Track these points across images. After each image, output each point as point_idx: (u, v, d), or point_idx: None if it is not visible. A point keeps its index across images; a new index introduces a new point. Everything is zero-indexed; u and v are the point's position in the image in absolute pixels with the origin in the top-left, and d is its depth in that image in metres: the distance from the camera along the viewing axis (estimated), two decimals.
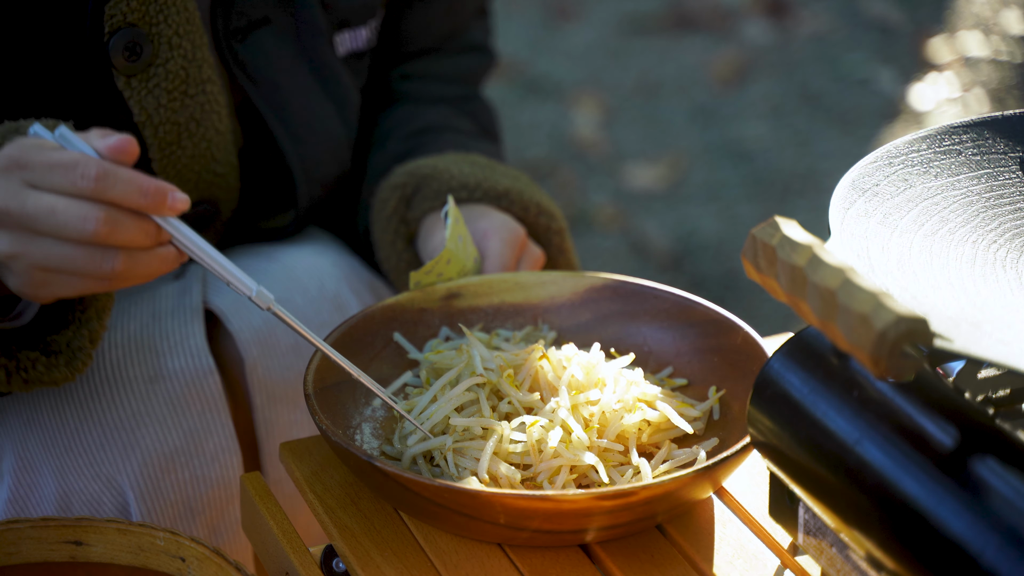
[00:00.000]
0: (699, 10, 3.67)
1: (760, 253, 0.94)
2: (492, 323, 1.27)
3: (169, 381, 1.32)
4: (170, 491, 1.32)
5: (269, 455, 1.39)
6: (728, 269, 2.82)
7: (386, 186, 1.44)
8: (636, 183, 3.08)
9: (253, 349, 1.37)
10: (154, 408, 1.31)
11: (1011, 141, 1.09)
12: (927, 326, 0.85)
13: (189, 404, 1.32)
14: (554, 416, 1.11)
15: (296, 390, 1.38)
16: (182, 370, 1.32)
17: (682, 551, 1.07)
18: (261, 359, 1.37)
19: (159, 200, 1.06)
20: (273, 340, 1.38)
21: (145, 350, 1.33)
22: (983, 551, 0.84)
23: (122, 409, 1.31)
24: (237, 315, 1.38)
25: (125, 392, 1.31)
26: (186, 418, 1.32)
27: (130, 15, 1.29)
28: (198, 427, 1.32)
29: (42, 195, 1.06)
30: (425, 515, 1.07)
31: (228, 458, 1.34)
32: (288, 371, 1.38)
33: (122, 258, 1.07)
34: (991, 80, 3.38)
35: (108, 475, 1.30)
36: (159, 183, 1.06)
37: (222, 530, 1.35)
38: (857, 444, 0.93)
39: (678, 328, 1.24)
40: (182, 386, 1.32)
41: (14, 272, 1.10)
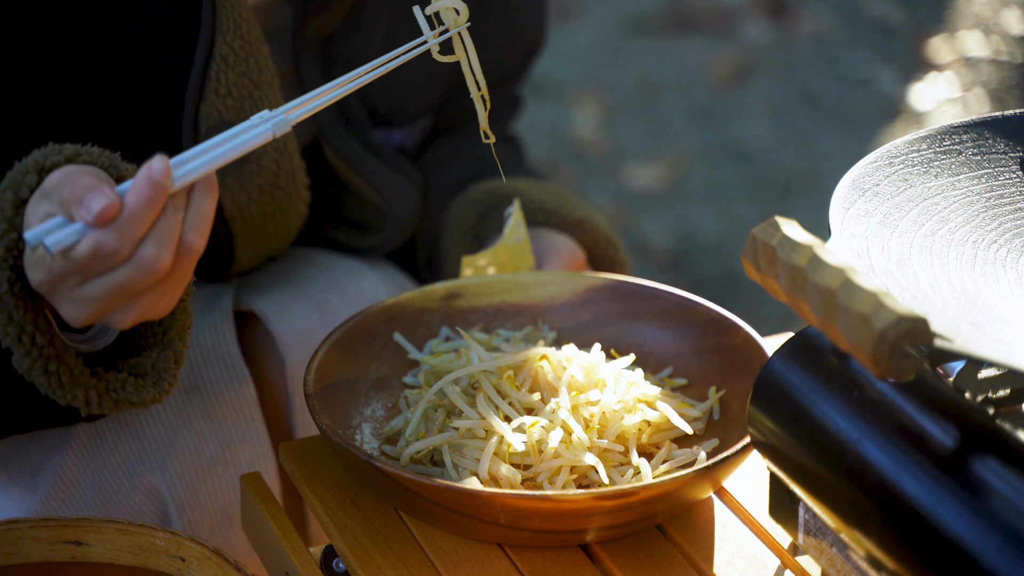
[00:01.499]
0: (699, 10, 3.67)
1: (760, 253, 0.94)
2: (492, 323, 1.27)
3: (204, 392, 1.32)
4: (208, 500, 1.32)
5: None
6: (728, 269, 2.82)
7: (463, 202, 1.46)
8: (636, 183, 3.08)
9: (295, 351, 1.37)
10: (190, 419, 1.32)
11: (1011, 141, 1.09)
12: (927, 326, 0.85)
13: (225, 414, 1.33)
14: (554, 417, 1.11)
15: None
16: (217, 380, 1.33)
17: (682, 551, 1.07)
18: (302, 361, 1.37)
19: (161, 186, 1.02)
20: (314, 342, 1.37)
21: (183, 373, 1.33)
22: (983, 551, 0.84)
23: (159, 421, 1.31)
24: (279, 317, 1.38)
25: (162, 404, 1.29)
26: (222, 428, 1.32)
27: (225, 113, 1.29)
28: (233, 436, 1.33)
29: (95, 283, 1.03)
30: (425, 515, 1.07)
31: (264, 465, 1.34)
32: None
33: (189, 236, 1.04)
34: (991, 80, 3.38)
35: (148, 486, 1.31)
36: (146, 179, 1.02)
37: None
38: (857, 444, 0.93)
39: (678, 328, 1.24)
40: (217, 396, 1.33)
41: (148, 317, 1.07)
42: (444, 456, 1.10)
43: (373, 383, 1.20)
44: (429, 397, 1.13)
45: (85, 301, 1.03)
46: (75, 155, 1.07)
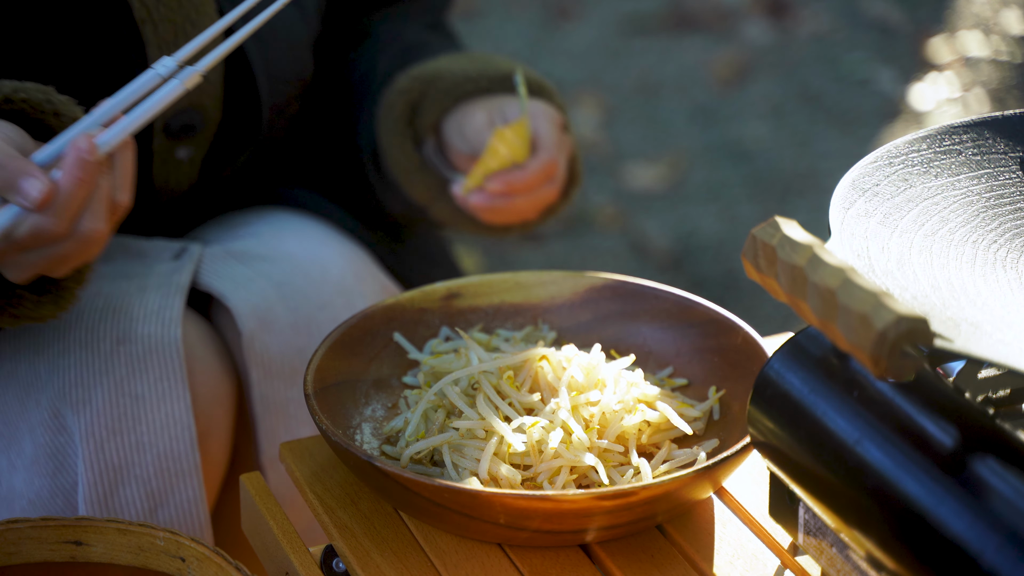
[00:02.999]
0: (699, 10, 3.67)
1: (760, 253, 0.94)
2: (492, 323, 1.27)
3: (133, 344, 1.32)
4: (113, 454, 1.31)
5: (266, 433, 1.39)
6: (728, 269, 2.82)
7: (391, 92, 1.49)
8: (636, 183, 3.08)
9: (251, 323, 1.37)
10: (115, 368, 1.31)
11: (1011, 141, 1.09)
12: (927, 326, 0.85)
13: (148, 369, 1.32)
14: (554, 417, 1.11)
15: (293, 367, 1.38)
16: (148, 335, 1.33)
17: (682, 551, 1.07)
18: (259, 333, 1.37)
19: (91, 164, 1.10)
20: (272, 316, 1.38)
21: (120, 315, 1.34)
22: (983, 551, 0.84)
23: (86, 367, 1.31)
24: (235, 292, 1.39)
25: (93, 351, 1.32)
26: (141, 383, 1.32)
27: None
28: (150, 393, 1.32)
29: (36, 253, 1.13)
30: (425, 515, 1.07)
31: (179, 431, 1.33)
32: (286, 347, 1.38)
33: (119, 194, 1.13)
34: (991, 80, 3.38)
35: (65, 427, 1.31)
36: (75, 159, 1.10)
37: (170, 506, 1.34)
38: (857, 444, 0.93)
39: (678, 328, 1.24)
40: (144, 350, 1.32)
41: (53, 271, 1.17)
42: (444, 456, 1.10)
43: (373, 383, 1.20)
44: (429, 397, 1.13)
45: (26, 267, 1.14)
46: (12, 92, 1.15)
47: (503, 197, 1.44)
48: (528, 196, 1.46)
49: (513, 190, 1.44)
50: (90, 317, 1.33)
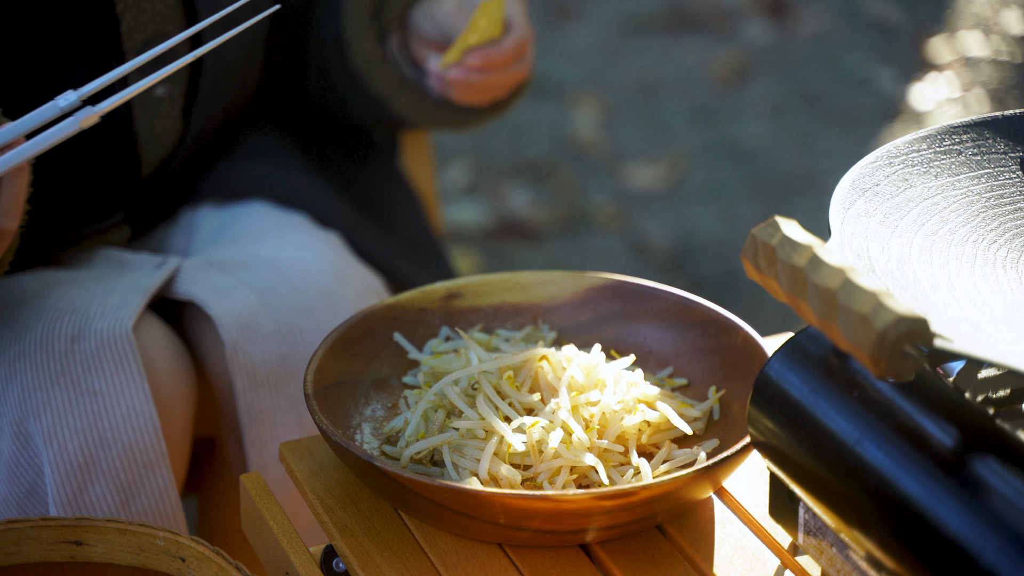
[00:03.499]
0: (699, 10, 3.67)
1: (760, 253, 0.94)
2: (492, 323, 1.27)
3: (87, 341, 1.32)
4: (77, 452, 1.31)
5: (253, 442, 1.39)
6: (728, 269, 2.82)
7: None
8: (636, 183, 3.08)
9: (234, 332, 1.37)
10: (70, 367, 1.32)
11: (1011, 141, 1.09)
12: (927, 326, 0.85)
13: (102, 364, 1.32)
14: (554, 417, 1.11)
15: (277, 375, 1.38)
16: (100, 331, 1.33)
17: (682, 551, 1.08)
18: (242, 343, 1.37)
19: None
20: (254, 324, 1.38)
21: (77, 314, 1.34)
22: (983, 551, 0.84)
23: (43, 369, 1.32)
24: (217, 300, 1.39)
25: (49, 352, 1.32)
26: (98, 378, 1.32)
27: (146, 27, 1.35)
28: (108, 388, 1.32)
29: None
30: (425, 515, 1.07)
31: (142, 423, 1.33)
32: (269, 355, 1.38)
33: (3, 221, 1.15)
34: (991, 80, 3.38)
35: (26, 434, 1.31)
36: None
37: (140, 496, 1.34)
38: (857, 444, 0.93)
39: (678, 328, 1.24)
40: (97, 346, 1.32)
41: None
42: (444, 456, 1.10)
43: (373, 383, 1.20)
44: (429, 398, 1.13)
45: None
46: None
47: (480, 72, 1.49)
48: (502, 73, 1.51)
49: (490, 65, 1.49)
50: (48, 317, 1.34)
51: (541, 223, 2.95)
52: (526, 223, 2.95)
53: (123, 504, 1.33)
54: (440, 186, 3.00)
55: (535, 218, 2.96)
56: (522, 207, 3.00)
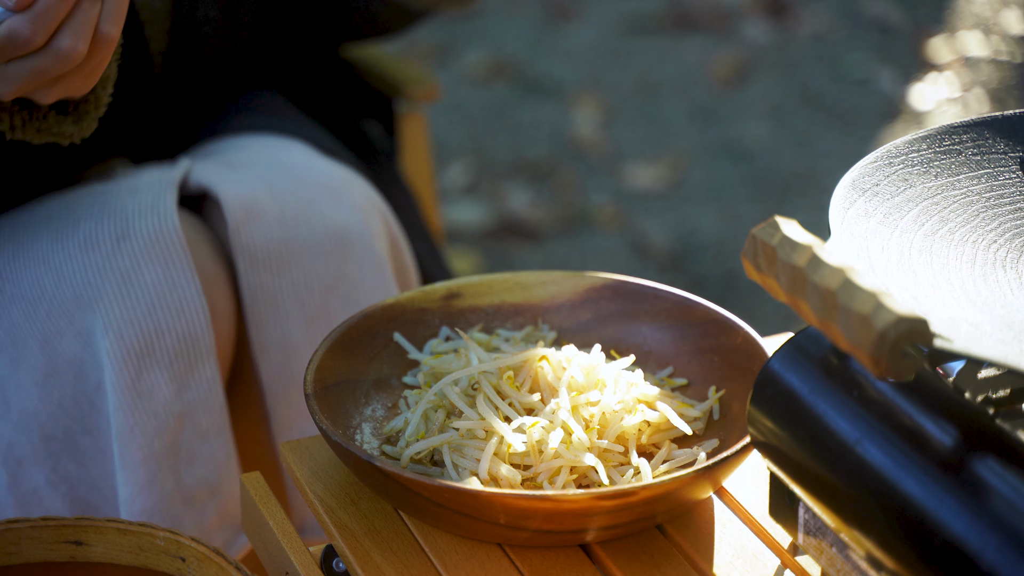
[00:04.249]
0: (699, 10, 3.67)
1: (760, 253, 0.94)
2: (492, 323, 1.27)
3: (133, 240, 1.34)
4: (134, 342, 1.33)
5: (255, 324, 1.42)
6: (728, 269, 2.82)
7: None
8: (636, 183, 3.08)
9: (237, 213, 1.40)
10: (119, 264, 1.33)
11: (1011, 141, 1.09)
12: (927, 326, 0.85)
13: (153, 261, 1.34)
14: (554, 417, 1.11)
15: (280, 258, 1.41)
16: (146, 229, 1.35)
17: (682, 551, 1.08)
18: (244, 223, 1.40)
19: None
20: (259, 209, 1.41)
21: (116, 215, 1.36)
22: (983, 551, 0.84)
23: (91, 269, 1.34)
24: (224, 186, 1.42)
25: (93, 252, 1.35)
26: (149, 272, 1.34)
27: None
28: (161, 282, 1.34)
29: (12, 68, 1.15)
30: (425, 515, 1.07)
31: (194, 313, 1.36)
32: (271, 240, 1.41)
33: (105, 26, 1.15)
34: (991, 80, 3.38)
35: (87, 332, 1.32)
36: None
37: (192, 386, 1.37)
38: (857, 444, 0.93)
39: (678, 328, 1.24)
40: (146, 243, 1.34)
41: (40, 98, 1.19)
42: (444, 456, 1.10)
43: (373, 383, 1.20)
44: (429, 398, 1.13)
45: (7, 80, 1.16)
46: None
47: None
48: None
49: None
50: (86, 222, 1.36)
51: (541, 223, 2.95)
52: (526, 223, 2.95)
53: (177, 394, 1.35)
54: (440, 186, 3.01)
55: (535, 218, 2.96)
56: (522, 207, 3.00)
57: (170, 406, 1.35)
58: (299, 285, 1.42)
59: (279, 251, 1.42)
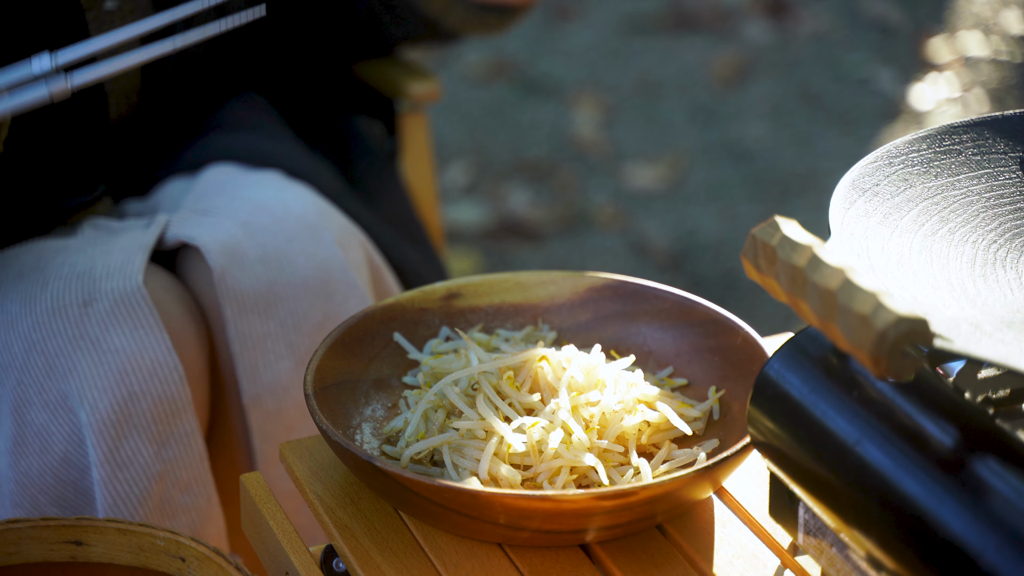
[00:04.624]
0: (699, 10, 3.67)
1: (760, 253, 0.94)
2: (492, 323, 1.27)
3: (99, 303, 1.33)
4: (109, 411, 1.32)
5: (246, 370, 1.40)
6: (728, 269, 2.82)
7: None
8: (636, 183, 3.08)
9: (220, 259, 1.39)
10: (88, 330, 1.32)
11: (1011, 141, 1.09)
12: (927, 326, 0.85)
13: (121, 324, 1.33)
14: (554, 417, 1.11)
15: (266, 300, 1.40)
16: (112, 292, 1.35)
17: (682, 551, 1.08)
18: (229, 268, 1.39)
19: None
20: (240, 251, 1.40)
21: (85, 278, 1.35)
22: (983, 551, 0.84)
23: (60, 335, 1.33)
24: (203, 234, 1.41)
25: (62, 318, 1.33)
26: (118, 336, 1.33)
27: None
28: (131, 345, 1.33)
29: None
30: (425, 515, 1.07)
31: (168, 373, 1.34)
32: (257, 281, 1.40)
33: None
34: (991, 80, 3.38)
35: (55, 402, 1.31)
36: None
37: (171, 444, 1.36)
38: (857, 444, 0.93)
39: (678, 328, 1.24)
40: (112, 306, 1.33)
41: None
42: (444, 456, 1.10)
43: (373, 383, 1.20)
44: (429, 398, 1.13)
45: None
46: None
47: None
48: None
49: None
50: (55, 285, 1.35)
51: (541, 223, 2.95)
52: (526, 223, 2.95)
53: (156, 454, 1.34)
54: (440, 186, 3.01)
55: (535, 218, 2.96)
56: (522, 207, 3.00)
57: (150, 468, 1.34)
58: (287, 326, 1.41)
59: (265, 293, 1.41)
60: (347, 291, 1.43)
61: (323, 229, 1.44)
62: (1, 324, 1.34)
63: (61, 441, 1.33)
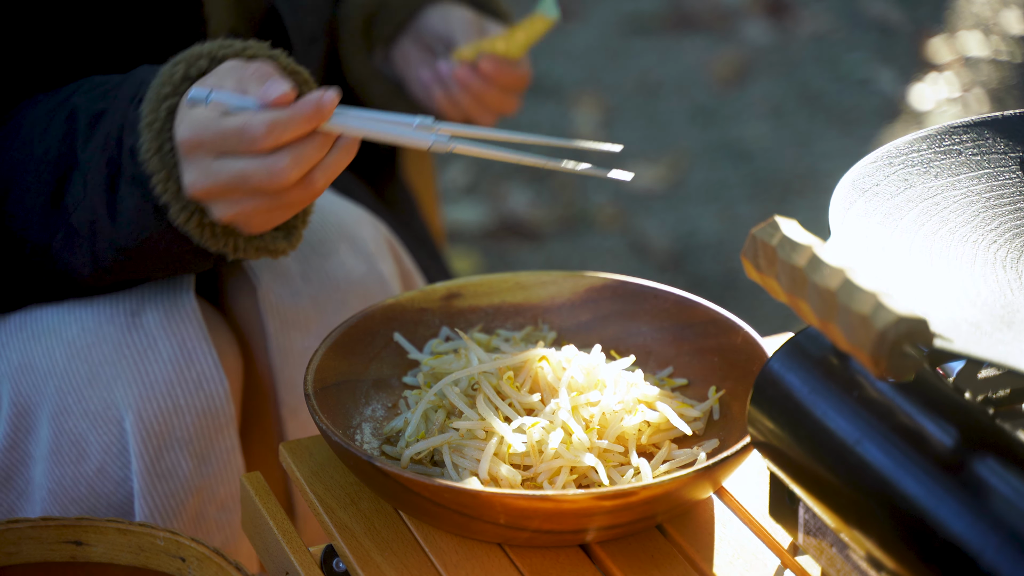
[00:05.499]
0: (699, 10, 3.67)
1: (760, 253, 0.94)
2: (492, 323, 1.27)
3: (147, 314, 1.32)
4: (153, 421, 1.31)
5: (285, 383, 1.40)
6: (728, 269, 2.82)
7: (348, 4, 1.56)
8: (636, 183, 3.08)
9: (264, 275, 1.39)
10: (135, 340, 1.31)
11: (1011, 141, 1.09)
12: (927, 326, 0.85)
13: (168, 336, 1.32)
14: (554, 417, 1.11)
15: (308, 316, 1.39)
16: (162, 302, 1.34)
17: (682, 551, 1.08)
18: (272, 285, 1.39)
19: (322, 112, 1.11)
20: (282, 267, 1.40)
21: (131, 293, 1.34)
22: (983, 551, 0.84)
23: (107, 344, 1.31)
24: None
25: (108, 326, 1.32)
26: (165, 348, 1.32)
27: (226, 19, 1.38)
28: (178, 357, 1.32)
29: (226, 163, 1.13)
30: (425, 515, 1.07)
31: (213, 387, 1.33)
32: (298, 296, 1.40)
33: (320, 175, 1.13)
34: (991, 80, 3.38)
35: (96, 411, 1.30)
36: (314, 99, 1.11)
37: (211, 459, 1.34)
38: (857, 444, 0.93)
39: (678, 328, 1.24)
40: (161, 317, 1.32)
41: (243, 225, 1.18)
42: (444, 456, 1.10)
43: (373, 383, 1.20)
44: (429, 398, 1.13)
45: (208, 173, 1.14)
46: (242, 49, 1.17)
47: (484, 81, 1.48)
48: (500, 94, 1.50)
49: (499, 78, 1.48)
50: (102, 300, 1.33)
51: (541, 223, 2.95)
52: (526, 223, 2.95)
53: (196, 468, 1.33)
54: (440, 186, 3.01)
55: (535, 218, 2.97)
56: (522, 207, 3.00)
57: (190, 482, 1.33)
58: None
59: (306, 309, 1.40)
60: (377, 295, 1.43)
61: (358, 238, 1.44)
62: (44, 330, 1.32)
63: (98, 452, 1.31)
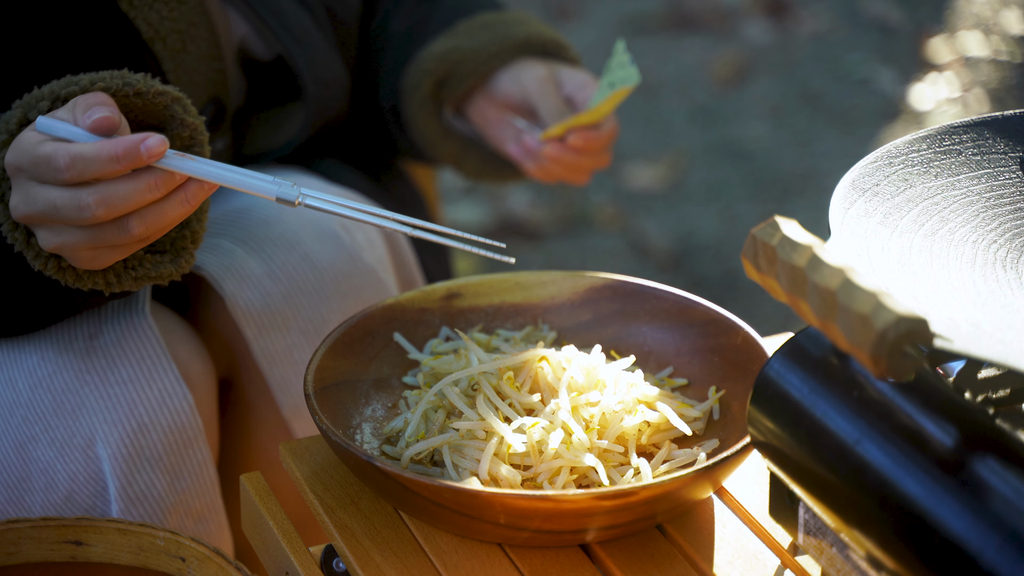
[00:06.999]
0: (699, 10, 3.67)
1: (760, 253, 0.94)
2: (492, 323, 1.27)
3: (106, 335, 1.32)
4: (120, 444, 1.31)
5: (279, 384, 1.39)
6: (728, 269, 2.82)
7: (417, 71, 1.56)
8: (636, 183, 3.08)
9: (227, 284, 1.38)
10: (95, 363, 1.31)
11: (1011, 141, 1.09)
12: (927, 326, 0.85)
13: (127, 355, 1.32)
14: (554, 418, 1.11)
15: (283, 314, 1.39)
16: (118, 322, 1.33)
17: (682, 551, 1.08)
18: (239, 292, 1.37)
19: (134, 157, 1.07)
20: (245, 272, 1.39)
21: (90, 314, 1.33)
22: (983, 551, 0.84)
23: (67, 371, 1.31)
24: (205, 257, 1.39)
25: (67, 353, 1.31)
26: (125, 368, 1.31)
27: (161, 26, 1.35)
28: (138, 376, 1.32)
29: (41, 191, 1.09)
30: (425, 515, 1.08)
31: (177, 402, 1.33)
32: (269, 298, 1.39)
33: (137, 222, 1.09)
34: (991, 80, 3.38)
35: (62, 439, 1.30)
36: (125, 142, 1.07)
37: (184, 474, 1.34)
38: (857, 444, 0.93)
39: (678, 328, 1.24)
40: (118, 337, 1.32)
41: (69, 258, 1.14)
42: (444, 457, 1.10)
43: (373, 383, 1.20)
44: (429, 398, 1.13)
45: (28, 198, 1.10)
46: (90, 84, 1.14)
47: (576, 152, 1.49)
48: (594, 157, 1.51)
49: (589, 147, 1.49)
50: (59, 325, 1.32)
51: (541, 223, 2.95)
52: (526, 223, 2.95)
53: (170, 485, 1.33)
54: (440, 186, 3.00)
55: (535, 218, 2.96)
56: (522, 207, 3.00)
57: (164, 501, 1.33)
58: (309, 333, 1.39)
59: (279, 308, 1.39)
60: (361, 283, 1.42)
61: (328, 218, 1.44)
62: (5, 360, 1.33)
63: (66, 480, 1.31)
